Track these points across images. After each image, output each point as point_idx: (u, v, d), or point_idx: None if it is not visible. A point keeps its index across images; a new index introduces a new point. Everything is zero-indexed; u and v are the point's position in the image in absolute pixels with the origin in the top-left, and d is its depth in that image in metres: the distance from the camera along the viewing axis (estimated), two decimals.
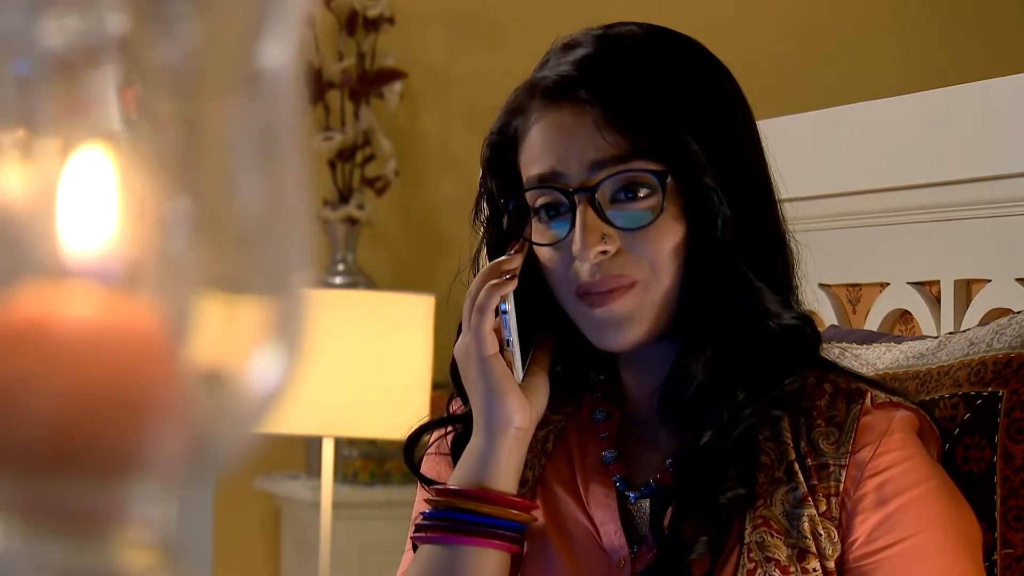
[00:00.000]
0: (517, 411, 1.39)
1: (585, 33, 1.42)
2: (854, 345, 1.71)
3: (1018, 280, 1.81)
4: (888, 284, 2.02)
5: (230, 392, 0.42)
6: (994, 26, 4.43)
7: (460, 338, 1.43)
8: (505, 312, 1.40)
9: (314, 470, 3.80)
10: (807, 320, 1.41)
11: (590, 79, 1.37)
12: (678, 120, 1.36)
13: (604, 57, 1.38)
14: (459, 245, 1.54)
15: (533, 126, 1.39)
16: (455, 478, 1.41)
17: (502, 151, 1.43)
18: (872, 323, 2.02)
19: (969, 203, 1.88)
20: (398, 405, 2.99)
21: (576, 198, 1.36)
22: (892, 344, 1.67)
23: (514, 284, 1.40)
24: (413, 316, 3.10)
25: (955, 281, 1.92)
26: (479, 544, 1.38)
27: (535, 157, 1.39)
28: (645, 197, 1.35)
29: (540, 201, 1.39)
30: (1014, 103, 1.83)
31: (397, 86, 3.91)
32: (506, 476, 1.39)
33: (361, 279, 3.82)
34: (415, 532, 1.43)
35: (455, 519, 1.38)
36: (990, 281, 1.86)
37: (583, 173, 1.36)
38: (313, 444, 3.70)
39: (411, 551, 1.47)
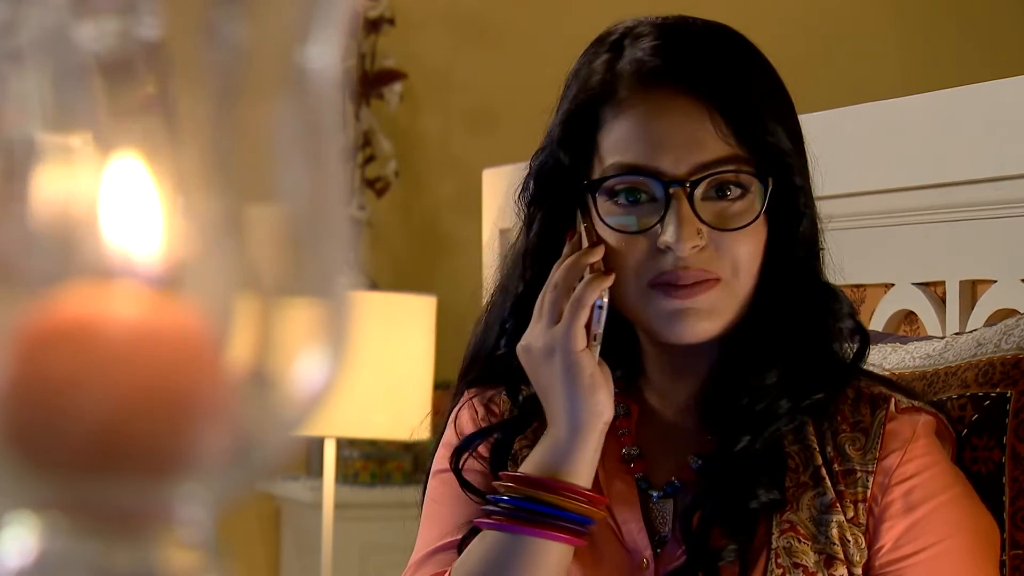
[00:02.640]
0: (608, 406, 1.36)
1: (647, 21, 1.39)
2: None
3: None
4: (893, 285, 2.03)
5: (275, 394, 0.42)
6: (994, 27, 4.43)
7: (538, 331, 1.37)
8: (600, 307, 1.37)
9: (314, 471, 3.80)
10: (863, 327, 1.42)
11: (692, 66, 1.34)
12: (773, 120, 1.35)
13: (697, 46, 1.36)
14: (460, 246, 1.53)
15: (629, 109, 1.35)
16: (531, 467, 1.37)
17: (581, 125, 1.39)
18: (877, 324, 2.02)
19: (974, 204, 1.88)
20: (399, 406, 2.99)
21: (671, 190, 1.33)
22: (898, 345, 1.67)
23: (612, 278, 1.36)
24: (414, 317, 3.10)
25: (960, 282, 1.92)
26: (550, 537, 1.34)
27: (628, 142, 1.35)
28: (737, 197, 1.34)
29: (622, 184, 1.35)
30: (1018, 104, 1.83)
31: (397, 87, 3.92)
32: (587, 471, 1.36)
33: (362, 280, 3.82)
34: (482, 516, 1.38)
35: (529, 509, 1.35)
36: (995, 282, 1.86)
37: (683, 166, 1.33)
38: (314, 445, 3.70)
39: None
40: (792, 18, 4.35)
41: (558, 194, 1.40)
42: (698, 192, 1.33)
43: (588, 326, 1.37)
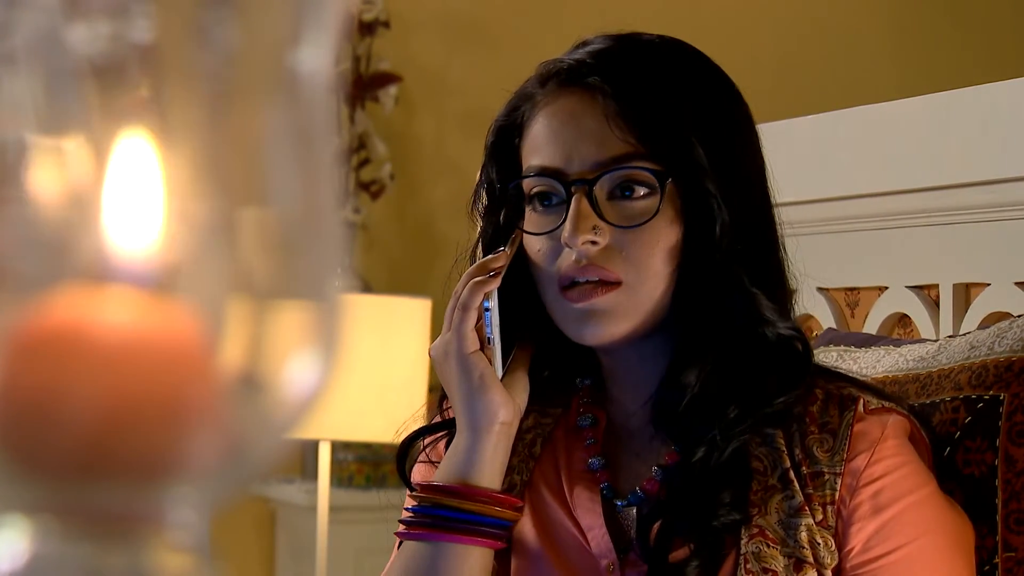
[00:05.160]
0: (502, 405, 1.38)
1: (601, 35, 1.42)
2: (852, 348, 1.71)
3: (1017, 284, 1.82)
4: (887, 288, 2.03)
5: (266, 397, 0.42)
6: (990, 30, 4.44)
7: (439, 337, 1.42)
8: (488, 310, 1.39)
9: (309, 474, 3.80)
10: (800, 332, 1.41)
11: (604, 68, 1.36)
12: (685, 123, 1.35)
13: (620, 52, 1.38)
14: (455, 248, 1.53)
15: (540, 111, 1.38)
16: (439, 474, 1.39)
17: (507, 136, 1.42)
18: (871, 327, 2.03)
19: (968, 207, 1.89)
20: (394, 409, 2.97)
21: (572, 188, 1.35)
22: (891, 347, 1.67)
23: (498, 282, 1.39)
24: (409, 320, 3.09)
25: (954, 285, 1.92)
26: (463, 542, 1.36)
27: (538, 145, 1.38)
28: (643, 197, 1.35)
29: (536, 189, 1.38)
30: (1012, 107, 1.83)
31: (392, 90, 3.92)
32: (491, 473, 1.38)
33: (357, 283, 3.81)
34: (400, 529, 1.41)
35: (439, 516, 1.37)
36: (989, 285, 1.86)
37: (584, 166, 1.35)
38: (308, 448, 3.70)
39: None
40: (787, 21, 4.35)
41: (496, 205, 1.44)
42: (601, 191, 1.34)
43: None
